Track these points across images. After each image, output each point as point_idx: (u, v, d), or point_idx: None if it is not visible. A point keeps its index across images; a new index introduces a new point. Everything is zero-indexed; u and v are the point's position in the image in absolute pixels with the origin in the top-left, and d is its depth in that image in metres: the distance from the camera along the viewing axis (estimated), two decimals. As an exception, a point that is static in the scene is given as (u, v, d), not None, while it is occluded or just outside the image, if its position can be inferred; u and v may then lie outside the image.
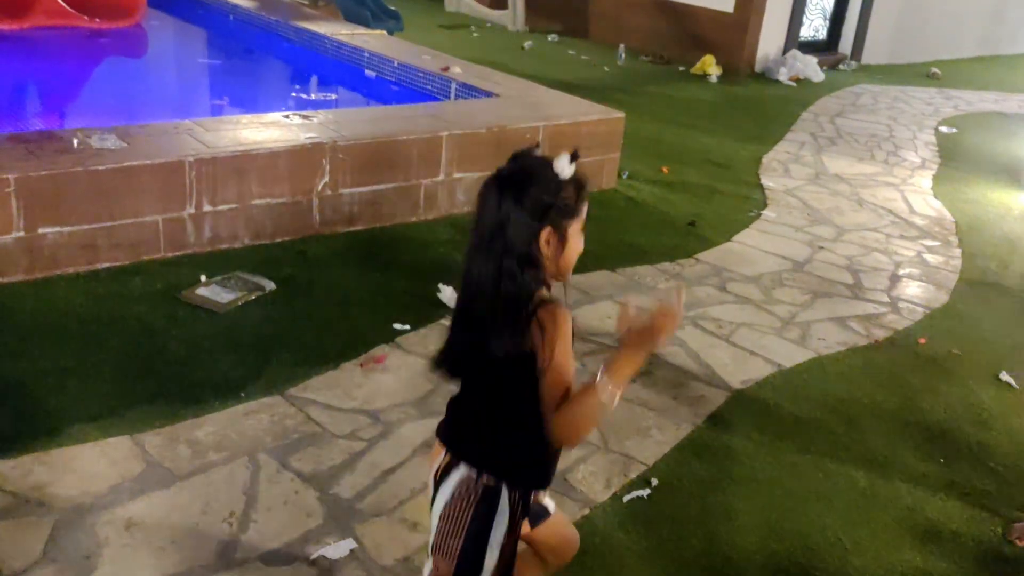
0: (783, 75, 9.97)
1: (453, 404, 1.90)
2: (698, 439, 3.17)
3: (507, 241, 1.65)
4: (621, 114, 5.68)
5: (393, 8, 8.91)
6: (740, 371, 3.65)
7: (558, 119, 5.31)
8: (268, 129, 4.45)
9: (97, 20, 7.19)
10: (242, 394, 3.12)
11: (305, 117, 4.69)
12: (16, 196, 3.57)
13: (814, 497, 2.92)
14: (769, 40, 10.26)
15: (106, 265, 3.87)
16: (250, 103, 6.33)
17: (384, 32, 7.54)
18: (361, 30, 7.32)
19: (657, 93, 8.85)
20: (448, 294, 3.90)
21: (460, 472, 1.80)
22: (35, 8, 6.85)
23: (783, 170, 6.62)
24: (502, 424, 1.78)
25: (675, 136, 7.27)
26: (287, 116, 4.64)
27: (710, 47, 10.07)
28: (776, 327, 4.07)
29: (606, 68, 9.80)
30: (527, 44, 10.43)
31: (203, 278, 3.86)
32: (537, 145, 1.81)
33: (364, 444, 2.92)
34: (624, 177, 5.90)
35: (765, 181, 6.29)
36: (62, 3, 6.98)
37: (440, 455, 1.85)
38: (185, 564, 2.35)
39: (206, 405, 3.03)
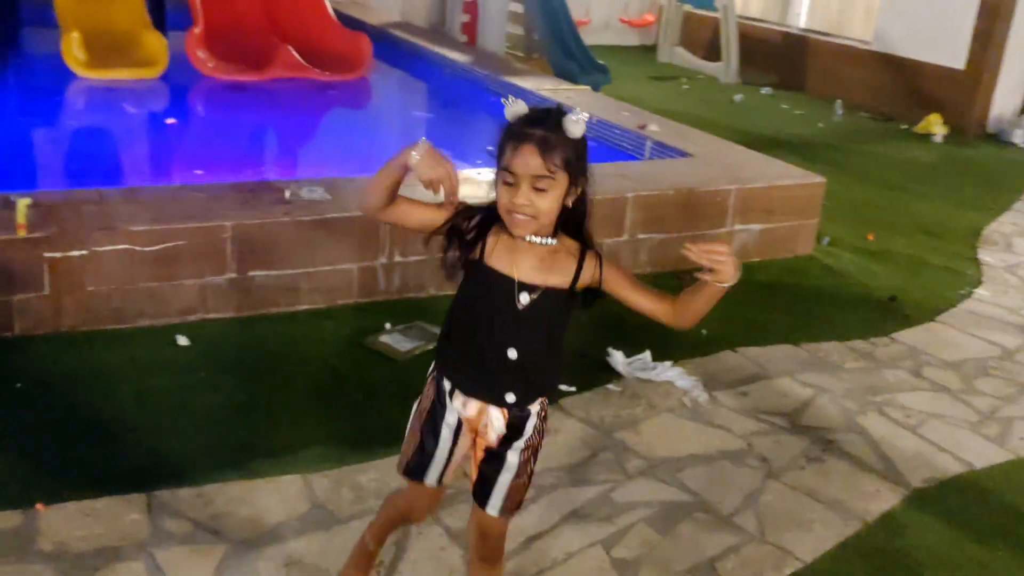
0: (1019, 137, 9.21)
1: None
2: (866, 538, 2.98)
3: None
4: (821, 179, 5.48)
5: (602, 62, 9.06)
6: (924, 467, 3.40)
7: (751, 182, 5.20)
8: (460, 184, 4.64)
9: (328, 73, 7.80)
10: (407, 444, 3.26)
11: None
12: (231, 241, 3.94)
13: (992, 619, 2.67)
14: (1004, 99, 9.53)
15: (304, 307, 4.18)
16: (450, 157, 6.62)
17: (589, 88, 7.68)
18: (565, 85, 7.51)
19: (873, 152, 8.45)
20: (618, 359, 3.90)
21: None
22: (275, 61, 7.53)
23: (1005, 244, 6.11)
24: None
25: (887, 200, 6.90)
26: (479, 172, 4.83)
27: (937, 105, 9.49)
28: (972, 421, 3.76)
29: (820, 124, 9.47)
30: (737, 97, 10.28)
31: (387, 326, 4.08)
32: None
33: (514, 507, 2.96)
34: (824, 243, 5.67)
35: (983, 255, 5.83)
36: (298, 57, 7.63)
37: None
38: (331, 608, 2.48)
39: (372, 452, 3.19)
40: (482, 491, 2.18)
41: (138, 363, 3.61)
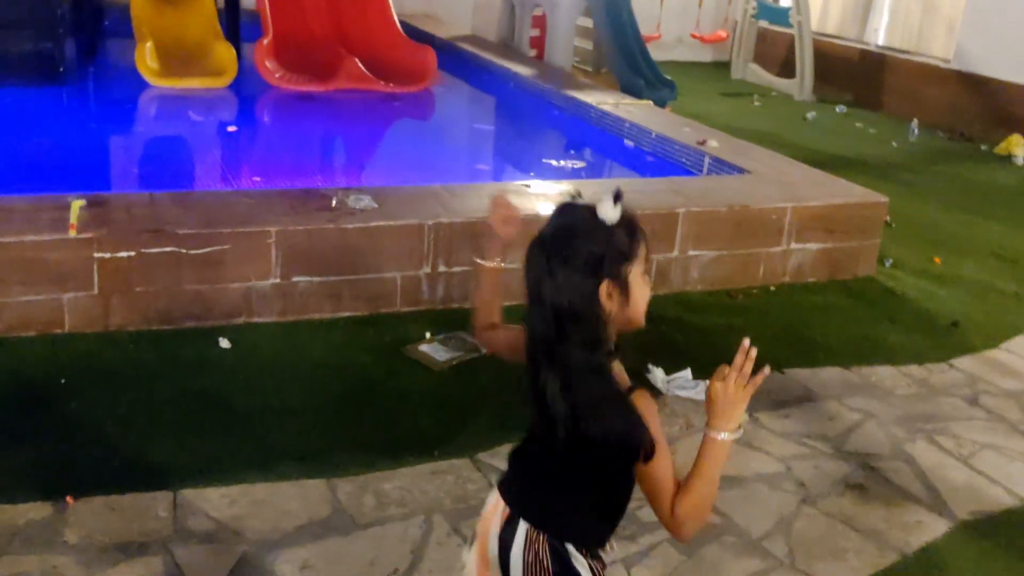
0: (1107, 159, 8.80)
1: (518, 457, 1.83)
2: (903, 571, 2.85)
3: (569, 310, 1.58)
4: (883, 198, 5.31)
5: (669, 77, 8.97)
6: (972, 499, 3.24)
7: (809, 200, 5.06)
8: (507, 197, 4.63)
9: (391, 85, 7.89)
10: (435, 452, 3.25)
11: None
12: (276, 247, 4.00)
13: (1033, 665, 2.52)
14: (1093, 120, 9.13)
15: (347, 314, 4.20)
16: (506, 169, 6.63)
17: (651, 102, 7.60)
18: (628, 100, 7.44)
19: (948, 173, 8.17)
20: (658, 376, 3.83)
21: (522, 527, 1.73)
22: (340, 73, 7.65)
23: (1083, 270, 5.82)
24: (576, 493, 1.71)
25: (958, 223, 6.65)
26: (528, 185, 4.82)
27: (1018, 125, 9.13)
28: (1030, 454, 3.58)
29: (894, 143, 9.20)
30: (810, 115, 10.06)
31: (428, 335, 4.08)
32: (579, 194, 1.74)
33: (536, 521, 2.92)
34: (887, 265, 5.48)
35: (1057, 281, 5.57)
36: (363, 69, 7.73)
37: (499, 509, 1.79)
38: (340, 614, 2.48)
39: (400, 459, 3.18)
40: None
41: (179, 363, 3.68)
